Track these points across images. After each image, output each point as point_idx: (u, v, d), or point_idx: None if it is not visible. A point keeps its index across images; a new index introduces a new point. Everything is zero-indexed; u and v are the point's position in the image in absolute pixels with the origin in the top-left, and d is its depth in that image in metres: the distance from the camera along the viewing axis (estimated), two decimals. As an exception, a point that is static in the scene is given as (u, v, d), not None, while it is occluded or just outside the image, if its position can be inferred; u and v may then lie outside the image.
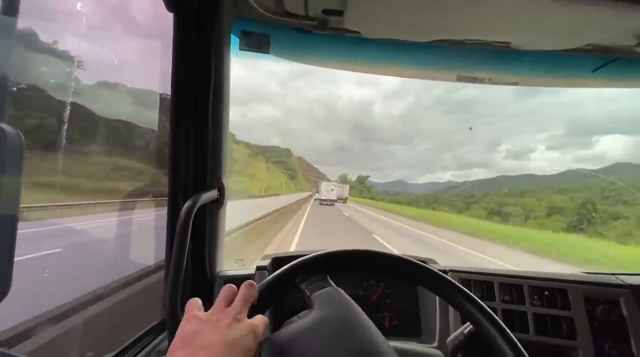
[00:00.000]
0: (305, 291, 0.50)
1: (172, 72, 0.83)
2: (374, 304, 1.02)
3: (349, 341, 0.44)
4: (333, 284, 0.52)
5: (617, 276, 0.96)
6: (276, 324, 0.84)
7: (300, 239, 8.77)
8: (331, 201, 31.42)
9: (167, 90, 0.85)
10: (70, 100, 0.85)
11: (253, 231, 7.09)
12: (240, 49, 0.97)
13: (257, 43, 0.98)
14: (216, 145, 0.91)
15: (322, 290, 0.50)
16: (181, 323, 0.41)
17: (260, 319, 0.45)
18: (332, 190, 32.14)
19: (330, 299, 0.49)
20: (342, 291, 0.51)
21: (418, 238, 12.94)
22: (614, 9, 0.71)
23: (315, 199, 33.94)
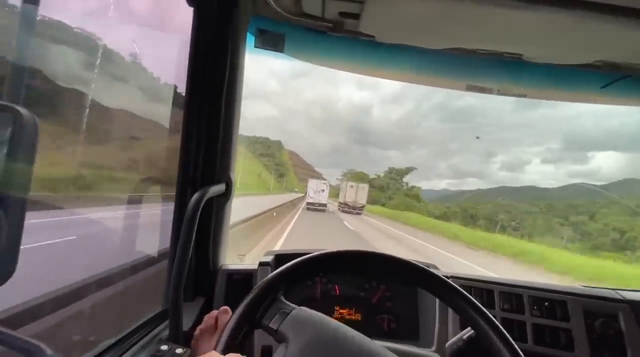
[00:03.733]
0: (270, 326, 0.46)
1: (189, 67, 0.84)
2: (374, 306, 1.02)
3: (346, 354, 0.43)
4: (292, 304, 0.49)
5: (617, 291, 0.97)
6: None
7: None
8: (321, 204, 25.91)
9: (182, 84, 0.86)
10: (83, 91, 0.87)
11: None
12: (255, 47, 0.99)
13: (272, 41, 0.99)
14: (227, 140, 0.92)
15: (288, 317, 0.46)
16: None
17: None
18: (323, 191, 26.30)
19: (301, 323, 0.46)
20: (304, 308, 0.48)
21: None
22: (627, 26, 0.72)
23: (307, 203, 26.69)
